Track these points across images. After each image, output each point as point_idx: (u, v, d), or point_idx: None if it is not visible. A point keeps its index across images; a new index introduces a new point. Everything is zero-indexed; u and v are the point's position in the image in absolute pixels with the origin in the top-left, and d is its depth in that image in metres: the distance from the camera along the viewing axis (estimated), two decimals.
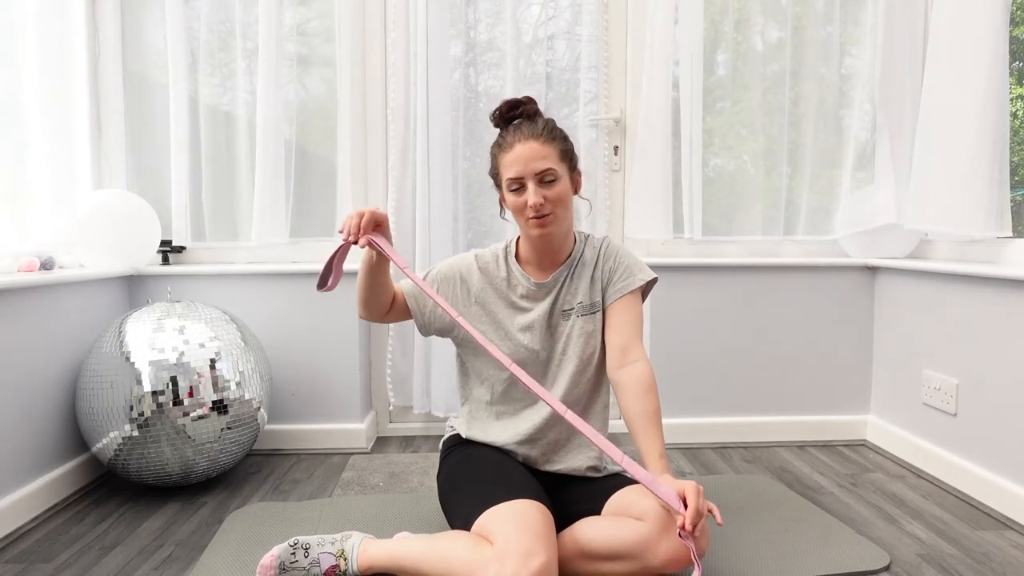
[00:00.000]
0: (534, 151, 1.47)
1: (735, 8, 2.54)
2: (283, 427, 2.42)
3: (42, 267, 2.03)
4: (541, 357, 1.60)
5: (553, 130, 1.52)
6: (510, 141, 1.50)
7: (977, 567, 1.57)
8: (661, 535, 1.33)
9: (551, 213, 1.49)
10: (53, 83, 2.00)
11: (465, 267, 1.63)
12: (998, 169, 2.00)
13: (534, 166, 1.47)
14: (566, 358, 1.59)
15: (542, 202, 1.47)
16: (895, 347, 2.39)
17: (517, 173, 1.48)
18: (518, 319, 1.60)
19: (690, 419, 2.49)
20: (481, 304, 1.61)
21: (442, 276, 1.63)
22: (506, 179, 1.51)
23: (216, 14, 2.46)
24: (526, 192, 1.49)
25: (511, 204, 1.53)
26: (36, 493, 1.87)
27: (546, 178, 1.48)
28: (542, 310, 1.59)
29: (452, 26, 2.49)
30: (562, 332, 1.60)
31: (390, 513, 1.84)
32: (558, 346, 1.60)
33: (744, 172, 2.58)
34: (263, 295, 2.39)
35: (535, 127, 1.51)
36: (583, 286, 1.60)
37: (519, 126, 1.52)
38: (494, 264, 1.63)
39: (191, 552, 1.65)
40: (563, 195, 1.51)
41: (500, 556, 1.23)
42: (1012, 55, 2.14)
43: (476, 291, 1.61)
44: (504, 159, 1.51)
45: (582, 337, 1.59)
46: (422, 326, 1.65)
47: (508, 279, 1.61)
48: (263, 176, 2.37)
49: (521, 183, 1.49)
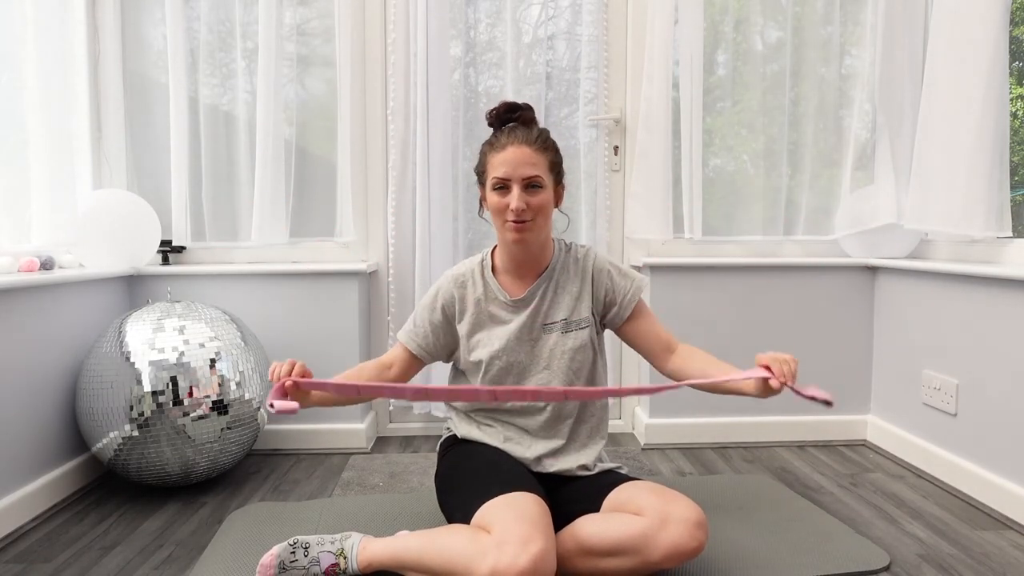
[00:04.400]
0: (525, 156, 1.49)
1: (735, 8, 2.54)
2: (283, 427, 2.42)
3: (42, 267, 2.03)
4: (518, 368, 1.60)
5: (547, 140, 1.55)
6: (503, 142, 1.52)
7: (977, 567, 1.57)
8: (660, 529, 1.34)
9: (531, 220, 1.51)
10: (53, 83, 1.99)
11: (444, 292, 1.64)
12: (998, 169, 2.00)
13: (522, 171, 1.49)
14: (551, 373, 1.59)
15: (524, 207, 1.48)
16: (895, 347, 2.39)
17: (505, 174, 1.50)
18: (497, 330, 1.61)
19: (690, 419, 2.49)
20: (467, 320, 1.63)
21: (429, 312, 1.65)
22: (492, 178, 1.52)
23: (216, 14, 2.46)
24: (509, 194, 1.50)
25: (492, 203, 1.54)
26: (36, 493, 1.87)
27: (532, 184, 1.50)
28: (518, 323, 1.59)
29: (452, 26, 2.49)
30: (544, 346, 1.60)
31: (390, 513, 1.84)
32: (540, 360, 1.60)
33: (744, 172, 2.58)
34: (263, 295, 2.39)
35: (530, 133, 1.53)
36: (566, 301, 1.61)
37: (514, 129, 1.54)
38: (471, 281, 1.64)
39: (191, 552, 1.65)
40: (545, 204, 1.52)
41: (498, 544, 1.25)
42: (1012, 55, 2.14)
43: (459, 309, 1.63)
44: (494, 158, 1.52)
45: (567, 354, 1.59)
46: (436, 357, 1.68)
47: (485, 294, 1.63)
48: (263, 176, 2.37)
49: (506, 184, 1.51)
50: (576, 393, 1.34)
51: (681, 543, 1.33)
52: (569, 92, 2.56)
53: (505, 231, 1.53)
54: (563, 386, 1.59)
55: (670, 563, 1.35)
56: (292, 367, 1.37)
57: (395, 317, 2.54)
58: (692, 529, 1.34)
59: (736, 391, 1.49)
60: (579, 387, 1.59)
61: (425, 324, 1.64)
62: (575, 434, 1.62)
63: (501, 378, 1.61)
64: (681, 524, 1.34)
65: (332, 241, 2.56)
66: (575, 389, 1.36)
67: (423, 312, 1.65)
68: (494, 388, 1.33)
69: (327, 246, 2.56)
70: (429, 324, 1.64)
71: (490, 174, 1.53)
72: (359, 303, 2.42)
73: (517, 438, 1.61)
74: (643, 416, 2.52)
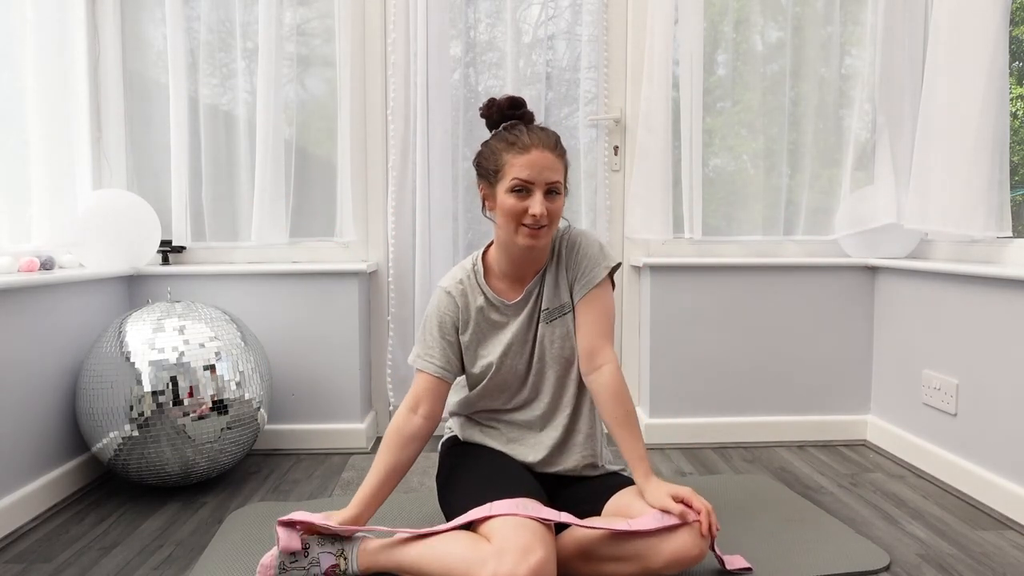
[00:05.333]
0: (550, 161, 1.45)
1: (735, 8, 2.54)
2: (283, 427, 2.42)
3: (42, 267, 2.03)
4: (520, 371, 1.59)
5: (562, 146, 1.52)
6: (527, 143, 1.45)
7: (977, 567, 1.57)
8: (664, 536, 1.33)
9: (546, 226, 1.47)
10: (53, 83, 1.99)
11: (446, 306, 1.58)
12: (998, 169, 2.00)
13: (548, 175, 1.45)
14: (545, 366, 1.58)
15: (545, 213, 1.44)
16: (895, 347, 2.39)
17: (529, 177, 1.44)
18: (498, 336, 1.58)
19: (690, 419, 2.49)
20: (470, 330, 1.59)
21: (438, 330, 1.58)
22: (513, 178, 1.45)
23: (216, 14, 2.46)
24: (530, 198, 1.45)
25: (507, 206, 1.46)
26: (36, 493, 1.87)
27: (553, 190, 1.47)
28: (517, 325, 1.57)
29: (452, 26, 2.49)
30: (537, 341, 1.58)
31: (390, 513, 1.84)
32: (534, 357, 1.58)
33: (744, 172, 2.58)
34: (263, 295, 2.39)
35: (549, 138, 1.48)
36: (548, 290, 1.58)
37: (533, 130, 1.48)
38: (469, 290, 1.59)
39: (191, 552, 1.65)
40: (560, 212, 1.50)
41: (498, 553, 1.24)
42: (1012, 55, 2.14)
43: (463, 320, 1.59)
44: (516, 159, 1.45)
45: (555, 343, 1.57)
46: (458, 373, 1.62)
47: (485, 301, 1.58)
48: (263, 176, 2.37)
49: (528, 188, 1.45)
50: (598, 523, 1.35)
51: (684, 551, 1.32)
52: (569, 92, 2.56)
53: (518, 235, 1.48)
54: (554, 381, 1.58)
55: (671, 570, 1.34)
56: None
57: (395, 317, 2.54)
58: (696, 537, 1.33)
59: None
60: (567, 415, 1.57)
61: (436, 344, 1.57)
62: (574, 426, 1.59)
63: (503, 381, 1.60)
64: (686, 532, 1.33)
65: (332, 241, 2.56)
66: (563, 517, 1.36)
67: (431, 332, 1.58)
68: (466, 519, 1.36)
69: (327, 246, 2.56)
70: (443, 342, 1.57)
71: (509, 175, 1.46)
72: (359, 303, 2.42)
73: (521, 438, 1.61)
74: (643, 416, 2.52)
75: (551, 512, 1.35)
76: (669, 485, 1.39)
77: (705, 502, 1.35)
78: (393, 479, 1.50)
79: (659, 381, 2.48)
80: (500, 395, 1.62)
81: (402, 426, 1.52)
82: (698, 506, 1.34)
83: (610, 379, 1.49)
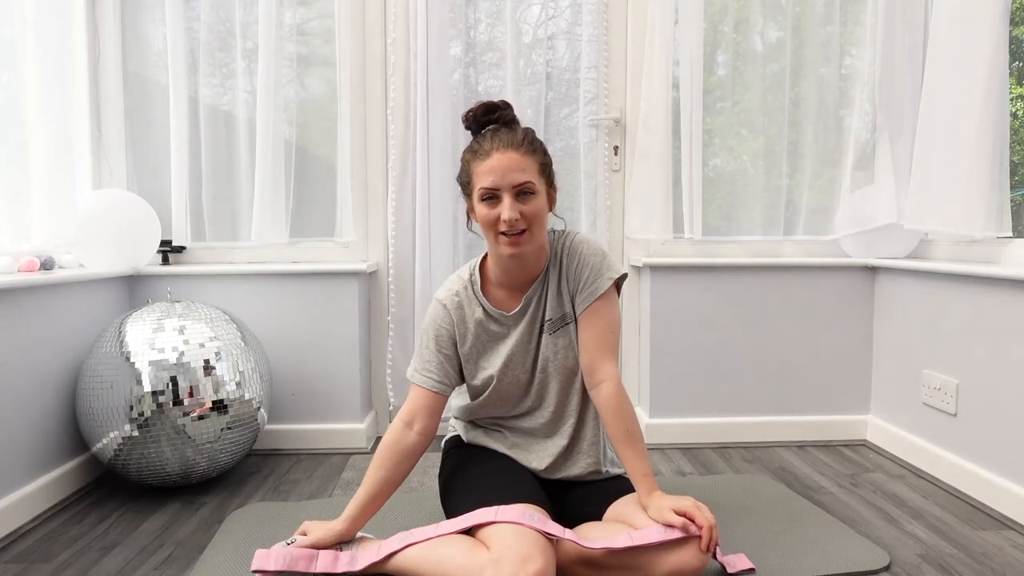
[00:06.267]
0: (513, 161, 1.39)
1: (735, 8, 2.54)
2: (283, 427, 2.42)
3: (42, 267, 2.03)
4: (523, 381, 1.57)
5: (533, 141, 1.44)
6: (487, 148, 1.41)
7: (977, 567, 1.57)
8: (666, 549, 1.31)
9: (526, 230, 1.41)
10: (53, 83, 1.99)
11: (443, 319, 1.54)
12: (998, 169, 2.00)
13: (512, 177, 1.38)
14: (548, 376, 1.55)
15: (517, 217, 1.38)
16: (895, 347, 2.39)
17: (493, 183, 1.39)
18: (498, 348, 1.55)
19: (690, 419, 2.49)
20: (468, 343, 1.56)
21: (434, 343, 1.54)
22: (479, 188, 1.41)
23: (216, 14, 2.46)
24: (500, 205, 1.40)
25: (482, 216, 1.43)
26: (36, 493, 1.87)
27: (523, 191, 1.40)
28: (517, 336, 1.53)
29: (452, 26, 2.49)
30: (539, 351, 1.54)
31: (390, 513, 1.84)
32: (537, 367, 1.55)
33: (744, 172, 2.58)
34: (263, 295, 2.39)
35: (515, 136, 1.42)
36: (551, 300, 1.53)
37: (497, 132, 1.43)
38: (466, 302, 1.55)
39: (191, 552, 1.65)
40: (539, 211, 1.42)
41: (497, 561, 1.23)
42: (1012, 55, 2.14)
43: (460, 333, 1.55)
44: (479, 167, 1.41)
45: (559, 353, 1.54)
46: (454, 386, 1.59)
47: (483, 313, 1.54)
48: (263, 176, 2.37)
49: (496, 194, 1.40)
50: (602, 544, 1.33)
51: (685, 563, 1.31)
52: (569, 92, 2.56)
53: (499, 245, 1.43)
54: (558, 391, 1.56)
55: None
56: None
57: (395, 317, 2.54)
58: (697, 551, 1.31)
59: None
60: (572, 425, 1.56)
61: (433, 357, 1.53)
62: (579, 433, 1.58)
63: (505, 392, 1.58)
64: (688, 546, 1.32)
65: (332, 241, 2.56)
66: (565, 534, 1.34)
67: (428, 346, 1.54)
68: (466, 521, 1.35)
69: (327, 246, 2.56)
70: (440, 356, 1.53)
71: (476, 184, 1.42)
72: (359, 303, 2.42)
73: (524, 444, 1.60)
74: (643, 416, 2.52)
75: (556, 528, 1.33)
76: (672, 498, 1.36)
77: (709, 516, 1.32)
78: (385, 494, 1.48)
79: (659, 381, 2.48)
80: (503, 404, 1.60)
81: (397, 442, 1.49)
82: (700, 520, 1.31)
83: (610, 398, 1.45)
